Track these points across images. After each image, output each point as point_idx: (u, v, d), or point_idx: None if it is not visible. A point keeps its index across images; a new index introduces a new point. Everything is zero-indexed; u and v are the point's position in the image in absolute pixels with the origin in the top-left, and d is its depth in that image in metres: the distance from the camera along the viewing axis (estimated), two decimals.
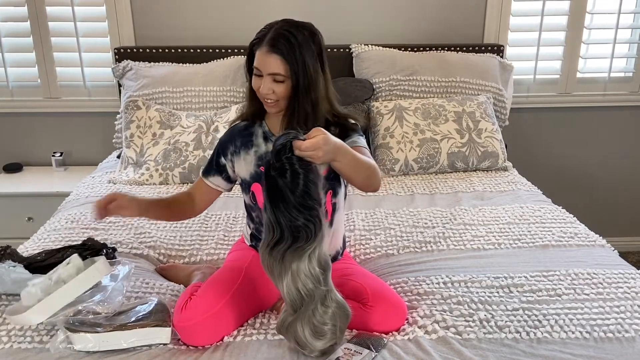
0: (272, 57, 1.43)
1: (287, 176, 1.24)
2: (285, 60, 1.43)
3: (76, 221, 2.02)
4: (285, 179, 1.24)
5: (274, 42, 1.43)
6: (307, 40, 1.45)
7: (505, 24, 2.87)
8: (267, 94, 1.46)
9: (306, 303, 1.27)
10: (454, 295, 1.54)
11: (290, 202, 1.25)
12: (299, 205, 1.25)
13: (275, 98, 1.47)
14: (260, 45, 1.45)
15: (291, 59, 1.43)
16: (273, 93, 1.46)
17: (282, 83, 1.45)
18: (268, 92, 1.46)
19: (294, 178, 1.25)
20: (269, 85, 1.45)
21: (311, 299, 1.27)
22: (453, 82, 2.68)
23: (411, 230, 1.97)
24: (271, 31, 1.45)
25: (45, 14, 2.78)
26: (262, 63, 1.45)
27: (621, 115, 3.06)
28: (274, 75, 1.45)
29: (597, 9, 2.88)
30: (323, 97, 1.50)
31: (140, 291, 1.58)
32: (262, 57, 1.45)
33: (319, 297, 1.28)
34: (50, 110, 2.95)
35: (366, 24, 2.85)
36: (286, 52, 1.42)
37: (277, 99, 1.47)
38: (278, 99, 1.47)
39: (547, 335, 1.39)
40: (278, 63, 1.43)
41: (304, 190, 1.25)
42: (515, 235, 1.91)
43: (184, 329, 1.37)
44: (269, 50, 1.43)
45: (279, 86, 1.46)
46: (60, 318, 1.35)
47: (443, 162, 2.49)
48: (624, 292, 1.57)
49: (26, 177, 2.90)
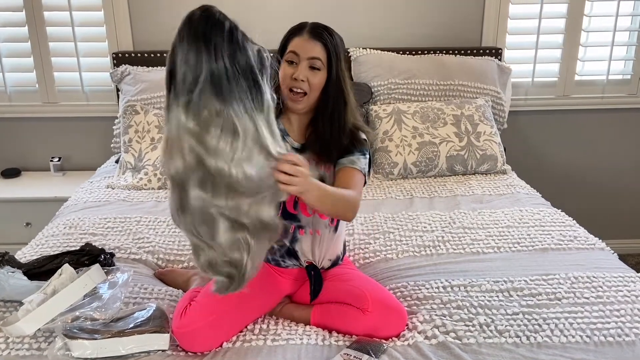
0: (313, 42, 1.46)
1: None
2: (327, 48, 1.46)
3: (74, 227, 2.02)
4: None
5: (315, 30, 1.47)
6: (340, 40, 1.51)
7: (503, 27, 2.87)
8: (303, 80, 1.45)
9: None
10: (453, 300, 1.54)
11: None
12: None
13: (306, 89, 1.46)
14: (298, 34, 1.47)
15: (331, 49, 1.47)
16: (306, 82, 1.46)
17: (318, 72, 1.46)
18: (304, 79, 1.45)
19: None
20: (305, 71, 1.45)
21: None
22: (451, 85, 2.68)
23: (410, 234, 1.96)
24: (307, 24, 1.49)
25: (43, 18, 2.78)
26: (301, 47, 1.46)
27: (619, 117, 3.07)
28: (312, 61, 1.45)
29: (594, 11, 2.88)
30: (351, 99, 1.53)
31: (138, 296, 1.57)
32: (302, 42, 1.46)
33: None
34: (48, 115, 2.94)
35: (364, 28, 2.85)
36: (328, 41, 1.47)
37: (308, 90, 1.46)
38: (307, 92, 1.46)
39: (547, 339, 1.38)
40: (319, 49, 1.46)
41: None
42: (515, 238, 1.91)
43: (182, 335, 1.36)
44: (311, 37, 1.46)
45: (315, 75, 1.46)
46: (58, 325, 1.35)
47: (442, 165, 2.49)
48: (623, 295, 1.57)
49: (24, 182, 2.90)
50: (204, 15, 1.09)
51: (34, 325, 1.34)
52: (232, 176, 1.10)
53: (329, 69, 1.47)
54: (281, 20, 1.56)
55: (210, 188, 1.11)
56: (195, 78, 1.06)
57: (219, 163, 1.09)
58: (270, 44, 1.50)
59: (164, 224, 2.05)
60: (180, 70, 1.07)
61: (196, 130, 1.08)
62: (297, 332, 1.43)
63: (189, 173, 1.11)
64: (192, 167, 1.10)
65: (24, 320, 1.33)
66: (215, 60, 1.07)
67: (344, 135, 1.52)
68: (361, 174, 1.51)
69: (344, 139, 1.51)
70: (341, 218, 1.50)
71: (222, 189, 1.11)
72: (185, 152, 1.09)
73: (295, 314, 1.51)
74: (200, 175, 1.11)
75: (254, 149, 1.12)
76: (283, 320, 1.50)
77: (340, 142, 1.51)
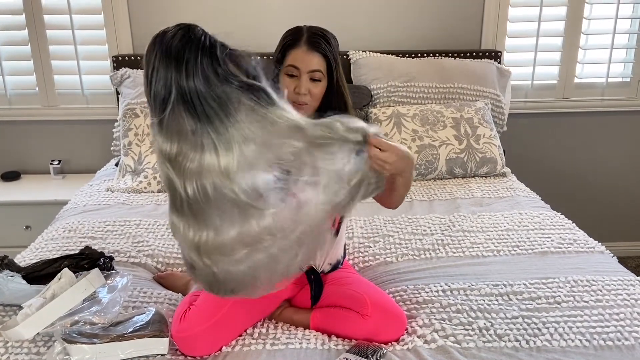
0: (313, 54, 1.45)
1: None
2: (326, 58, 1.46)
3: (74, 230, 2.02)
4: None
5: (313, 40, 1.46)
6: (335, 41, 1.51)
7: (502, 29, 2.88)
8: (305, 94, 1.46)
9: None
10: (453, 304, 1.53)
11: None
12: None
13: (308, 101, 1.47)
14: (296, 45, 1.46)
15: (330, 57, 1.47)
16: (309, 94, 1.46)
17: (318, 83, 1.47)
18: (306, 92, 1.46)
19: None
20: (306, 84, 1.46)
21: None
22: (451, 88, 2.69)
23: (410, 237, 1.96)
24: (304, 32, 1.47)
25: (43, 22, 2.78)
26: (301, 61, 1.45)
27: (619, 120, 3.07)
28: (313, 73, 1.46)
29: (594, 14, 2.88)
30: (350, 103, 1.53)
31: (137, 300, 1.57)
32: (301, 55, 1.45)
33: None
34: (48, 118, 2.94)
35: (364, 31, 2.85)
36: (327, 50, 1.46)
37: (310, 100, 1.47)
38: (310, 102, 1.48)
39: (547, 343, 1.38)
40: (319, 60, 1.46)
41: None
42: (514, 242, 1.91)
43: (182, 339, 1.36)
44: (310, 48, 1.45)
45: (316, 86, 1.47)
46: (57, 329, 1.34)
47: (441, 168, 2.49)
48: (623, 299, 1.57)
49: (24, 185, 2.90)
50: (179, 31, 1.06)
51: (33, 330, 1.34)
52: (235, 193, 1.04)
53: (329, 77, 1.49)
54: (281, 24, 1.56)
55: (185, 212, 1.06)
56: (166, 96, 1.03)
57: (187, 188, 1.03)
58: (270, 47, 1.51)
59: (163, 227, 2.05)
60: (152, 88, 1.05)
61: (168, 149, 1.04)
62: (297, 336, 1.43)
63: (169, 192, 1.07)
64: (167, 185, 1.06)
65: (23, 325, 1.33)
66: (186, 79, 1.03)
67: None
68: None
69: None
70: (399, 204, 1.48)
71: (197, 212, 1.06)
72: (165, 167, 1.06)
73: (295, 318, 1.51)
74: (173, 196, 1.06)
75: (256, 160, 1.06)
76: (282, 324, 1.50)
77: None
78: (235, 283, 1.14)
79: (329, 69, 1.48)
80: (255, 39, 2.82)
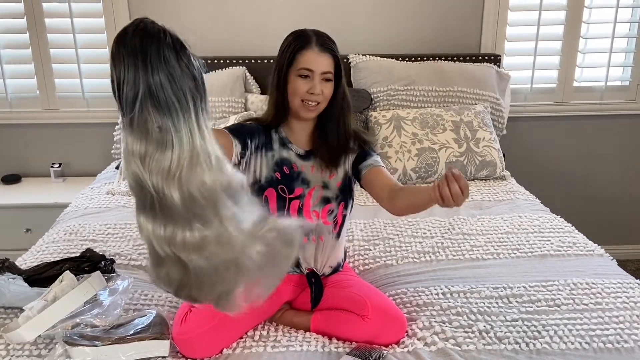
0: (324, 56, 1.49)
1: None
2: (336, 58, 1.51)
3: (75, 233, 2.02)
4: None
5: (323, 42, 1.50)
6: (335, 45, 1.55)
7: (502, 33, 2.89)
8: (319, 94, 1.49)
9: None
10: (453, 306, 1.54)
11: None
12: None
13: (321, 100, 1.51)
14: (307, 47, 1.49)
15: (339, 58, 1.51)
16: (321, 94, 1.50)
17: (329, 83, 1.51)
18: (319, 93, 1.49)
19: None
20: (320, 85, 1.49)
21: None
22: (450, 91, 2.69)
23: (410, 240, 1.97)
24: (312, 35, 1.51)
25: (44, 25, 2.79)
26: (314, 63, 1.48)
27: (618, 123, 3.08)
28: (325, 74, 1.49)
29: (593, 18, 2.90)
30: (350, 102, 1.57)
31: (138, 303, 1.57)
32: (314, 57, 1.48)
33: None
34: (49, 122, 2.95)
35: (364, 34, 2.86)
36: (335, 50, 1.51)
37: (322, 100, 1.51)
38: (321, 101, 1.51)
39: (547, 346, 1.38)
40: (330, 62, 1.50)
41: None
42: (514, 245, 1.92)
43: (183, 341, 1.36)
44: (321, 50, 1.49)
45: (327, 86, 1.51)
46: (59, 331, 1.35)
47: (441, 171, 2.49)
48: (622, 302, 1.57)
49: (25, 188, 2.90)
50: (137, 28, 1.03)
51: (35, 332, 1.34)
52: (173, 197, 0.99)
53: (336, 78, 1.52)
54: (280, 27, 1.58)
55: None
56: (135, 95, 1.00)
57: (159, 184, 0.99)
58: (270, 50, 1.52)
59: None
60: (120, 88, 1.02)
61: (138, 148, 1.01)
62: (297, 339, 1.43)
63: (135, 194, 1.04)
64: (135, 185, 1.03)
65: (24, 327, 1.33)
66: (152, 74, 1.00)
67: (350, 139, 1.58)
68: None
69: (351, 142, 1.58)
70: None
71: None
72: (136, 167, 1.02)
73: (295, 320, 1.51)
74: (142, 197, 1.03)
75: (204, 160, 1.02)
76: (283, 327, 1.50)
77: (348, 146, 1.57)
78: (199, 284, 1.10)
79: (337, 70, 1.52)
80: (255, 41, 2.83)
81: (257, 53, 2.79)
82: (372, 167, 1.54)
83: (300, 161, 1.57)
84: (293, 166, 1.56)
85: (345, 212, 1.60)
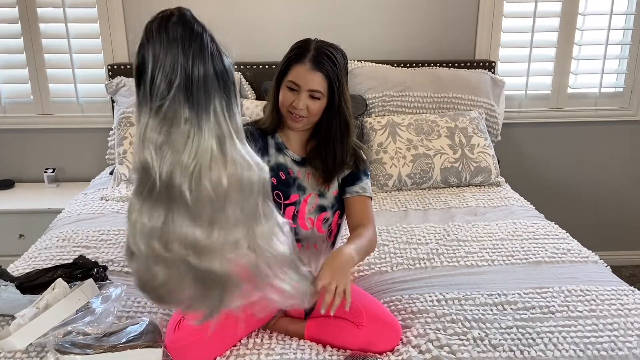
0: (315, 74, 1.47)
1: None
2: (329, 79, 1.47)
3: (68, 239, 2.01)
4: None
5: (318, 60, 1.47)
6: (343, 62, 1.53)
7: (496, 40, 2.90)
8: (302, 109, 1.48)
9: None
10: (447, 314, 1.54)
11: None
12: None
13: (305, 115, 1.50)
14: (300, 61, 1.48)
15: (333, 79, 1.48)
16: (306, 109, 1.49)
17: (317, 100, 1.49)
18: (303, 108, 1.48)
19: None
20: (305, 101, 1.48)
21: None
22: (445, 97, 2.70)
23: (405, 246, 1.96)
24: (311, 49, 1.49)
25: (38, 30, 2.79)
26: (303, 79, 1.47)
27: (612, 130, 3.09)
28: (312, 92, 1.48)
29: (587, 25, 2.91)
30: (351, 121, 1.55)
31: (131, 310, 1.56)
32: (303, 73, 1.47)
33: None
34: (43, 127, 2.94)
35: (359, 41, 2.87)
36: (330, 71, 1.47)
37: (308, 115, 1.50)
38: (308, 116, 1.50)
39: (541, 353, 1.38)
40: (321, 81, 1.47)
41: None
42: (509, 251, 1.92)
43: (176, 349, 1.35)
44: (313, 67, 1.47)
45: (315, 103, 1.49)
46: (50, 339, 1.33)
47: (436, 177, 2.50)
48: (617, 309, 1.57)
49: (18, 193, 2.89)
50: (182, 18, 1.02)
51: (26, 340, 1.33)
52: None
53: (329, 95, 1.50)
54: (278, 34, 1.58)
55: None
56: (169, 83, 1.00)
57: (164, 175, 1.00)
58: (270, 56, 1.51)
59: None
60: (153, 73, 1.00)
61: (156, 137, 1.00)
62: (291, 347, 1.42)
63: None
64: (141, 170, 1.02)
65: (15, 335, 1.32)
66: (192, 66, 1.00)
67: (347, 156, 1.57)
68: (370, 199, 1.60)
69: (347, 158, 1.57)
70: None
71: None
72: (148, 154, 1.01)
73: (290, 327, 1.51)
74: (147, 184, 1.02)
75: (220, 159, 1.02)
76: (277, 334, 1.50)
77: (344, 163, 1.57)
78: (166, 286, 1.09)
79: (330, 89, 1.49)
80: (249, 47, 2.83)
81: (252, 59, 2.79)
82: (357, 195, 1.58)
83: (297, 167, 1.57)
84: (289, 172, 1.56)
85: (340, 220, 1.60)
